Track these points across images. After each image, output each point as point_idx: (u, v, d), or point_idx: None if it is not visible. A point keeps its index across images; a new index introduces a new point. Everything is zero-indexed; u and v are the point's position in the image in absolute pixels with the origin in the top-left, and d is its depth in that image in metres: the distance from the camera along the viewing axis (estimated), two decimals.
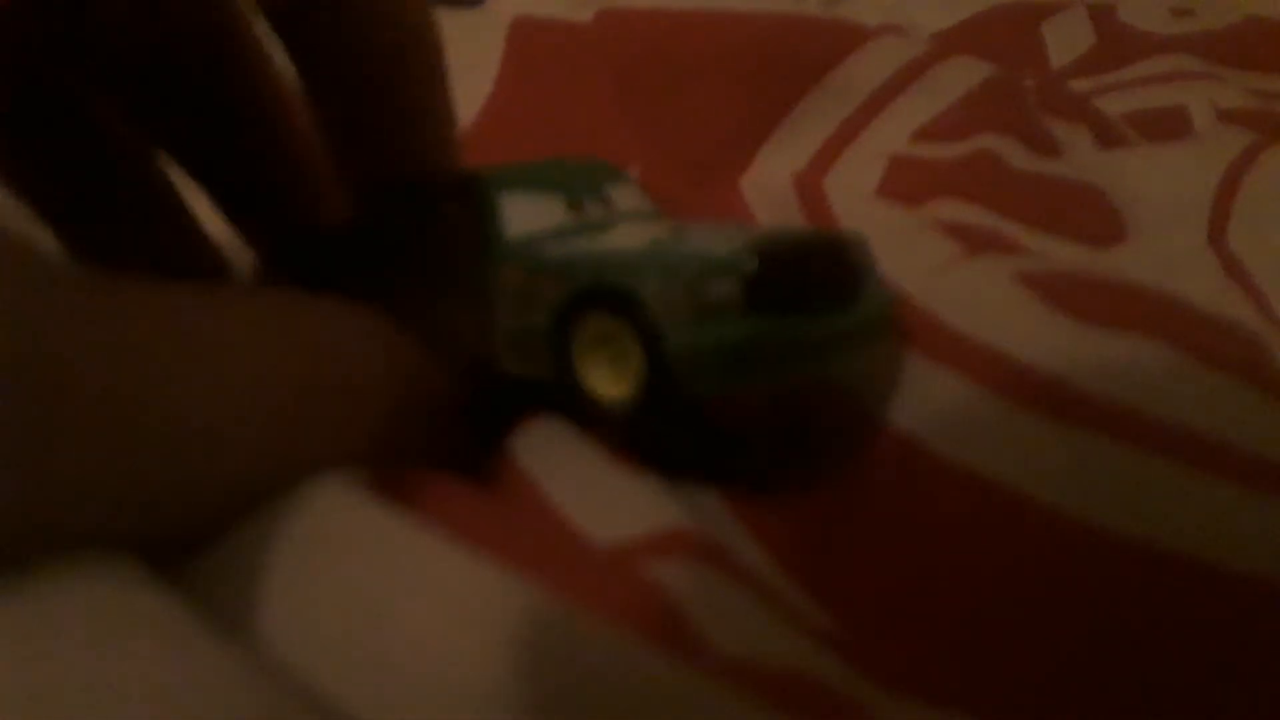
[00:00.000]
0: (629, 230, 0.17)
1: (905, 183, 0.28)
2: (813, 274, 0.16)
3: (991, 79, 0.31)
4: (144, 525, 0.11)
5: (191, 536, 0.12)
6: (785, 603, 0.14)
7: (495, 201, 0.17)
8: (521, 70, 0.31)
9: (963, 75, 0.31)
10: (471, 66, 0.31)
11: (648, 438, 0.16)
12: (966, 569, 0.15)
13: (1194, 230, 0.25)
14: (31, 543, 0.10)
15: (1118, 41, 0.37)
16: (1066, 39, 0.38)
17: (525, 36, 0.31)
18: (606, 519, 0.15)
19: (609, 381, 0.16)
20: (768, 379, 0.16)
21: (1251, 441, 0.15)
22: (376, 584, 0.12)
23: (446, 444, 0.16)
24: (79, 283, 0.11)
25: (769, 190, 0.26)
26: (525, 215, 0.17)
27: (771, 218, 0.25)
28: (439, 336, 0.17)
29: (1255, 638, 0.13)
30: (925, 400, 0.17)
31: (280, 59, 0.18)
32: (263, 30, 0.18)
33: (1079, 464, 0.15)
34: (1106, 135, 0.31)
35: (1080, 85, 0.35)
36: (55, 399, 0.10)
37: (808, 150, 0.29)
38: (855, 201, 0.26)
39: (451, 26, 0.19)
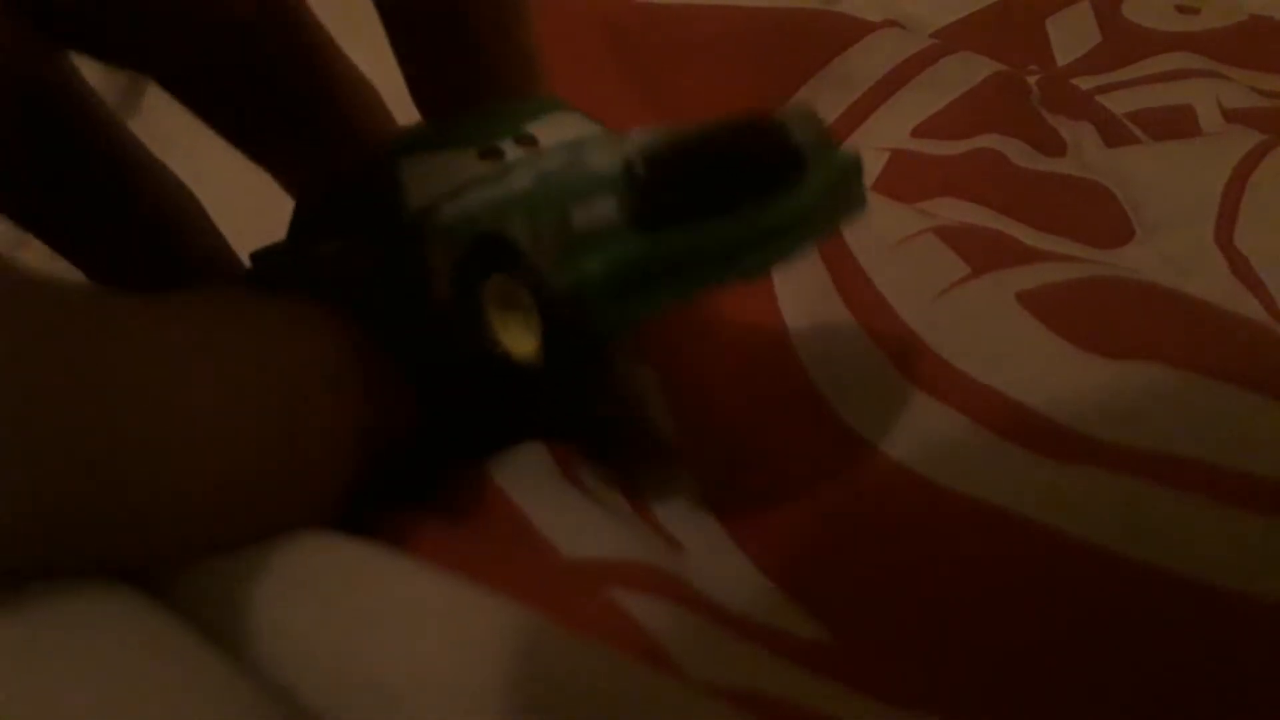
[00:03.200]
0: (530, 168, 0.15)
1: (906, 178, 0.27)
2: (711, 171, 0.13)
3: (995, 75, 0.30)
4: (123, 546, 0.11)
5: (170, 555, 0.12)
6: (761, 627, 0.14)
7: (395, 175, 0.15)
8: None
9: (966, 71, 0.30)
10: None
11: (561, 391, 0.15)
12: (961, 577, 0.14)
13: (1201, 230, 0.25)
14: (18, 565, 0.10)
15: (1123, 39, 0.37)
16: (1072, 36, 0.37)
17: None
18: (576, 537, 0.14)
19: (520, 339, 0.14)
20: (673, 297, 0.13)
21: (1254, 463, 0.15)
22: (366, 609, 0.12)
23: (413, 453, 0.16)
24: (58, 296, 0.11)
25: None
26: (428, 180, 0.15)
27: None
28: (394, 341, 0.16)
29: (1262, 659, 0.13)
30: (924, 434, 0.17)
31: None
32: None
33: (1078, 493, 0.15)
34: (1113, 133, 0.30)
35: (1085, 83, 0.34)
36: (36, 414, 0.10)
37: None
38: None
39: None
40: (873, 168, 0.28)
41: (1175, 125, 0.31)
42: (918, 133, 0.29)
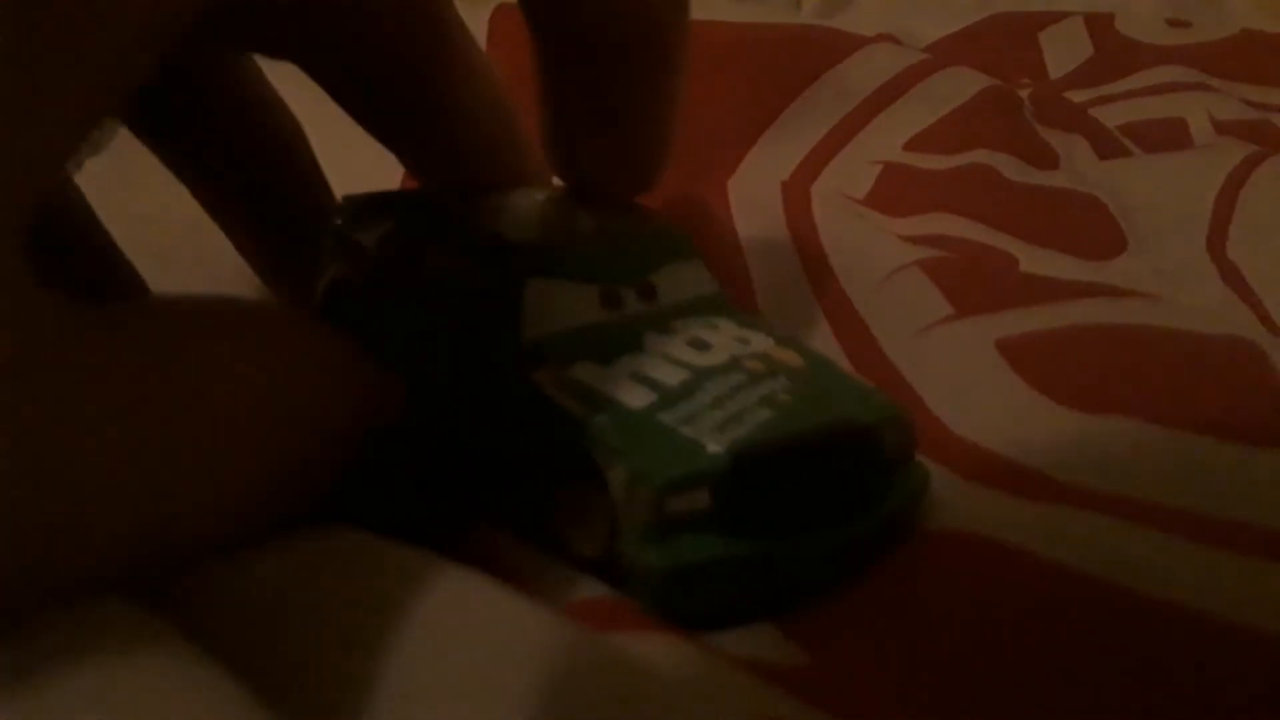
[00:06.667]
0: (646, 362, 0.15)
1: (898, 191, 0.27)
2: (802, 488, 0.14)
3: (988, 90, 0.31)
4: (134, 562, 0.11)
5: (176, 570, 0.12)
6: (730, 654, 0.14)
7: (521, 294, 0.15)
8: (506, 48, 0.30)
9: (960, 86, 0.31)
10: None
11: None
12: (945, 604, 0.14)
13: (1193, 241, 0.25)
14: (28, 588, 0.10)
15: (1115, 52, 0.37)
16: (1064, 49, 0.38)
17: (508, 18, 0.31)
18: (558, 582, 0.14)
19: (581, 532, 0.14)
20: (741, 599, 0.14)
21: (1224, 508, 0.15)
22: (396, 602, 0.11)
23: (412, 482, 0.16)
24: (75, 313, 0.11)
25: (755, 198, 0.26)
26: (549, 310, 0.15)
27: (755, 226, 0.25)
28: (431, 398, 0.16)
29: (1249, 687, 0.13)
30: None
31: None
32: None
33: (1053, 525, 0.15)
34: (1105, 146, 0.30)
35: (1078, 96, 0.35)
36: (50, 431, 0.10)
37: (800, 150, 0.28)
38: (841, 217, 0.25)
39: None
40: (865, 181, 0.28)
41: (1167, 137, 0.31)
42: (911, 146, 0.29)
